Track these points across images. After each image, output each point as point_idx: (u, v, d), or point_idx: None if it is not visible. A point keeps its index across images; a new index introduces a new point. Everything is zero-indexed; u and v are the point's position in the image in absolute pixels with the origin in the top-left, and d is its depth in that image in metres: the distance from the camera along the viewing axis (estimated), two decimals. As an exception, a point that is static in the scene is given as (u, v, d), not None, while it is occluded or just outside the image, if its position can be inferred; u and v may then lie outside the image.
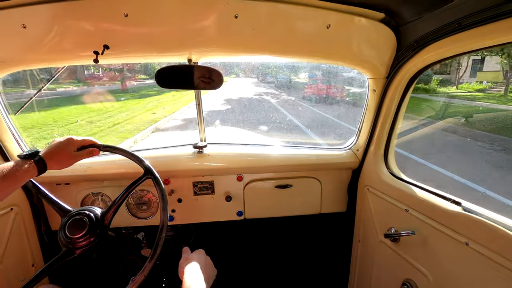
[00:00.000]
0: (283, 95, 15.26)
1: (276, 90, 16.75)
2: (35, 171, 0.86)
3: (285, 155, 1.58)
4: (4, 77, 1.25)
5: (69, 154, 0.96)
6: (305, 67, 11.50)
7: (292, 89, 16.43)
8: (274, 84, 18.29)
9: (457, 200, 1.02)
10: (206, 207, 1.57)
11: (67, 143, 0.96)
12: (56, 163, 0.93)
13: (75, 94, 13.84)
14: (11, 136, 1.33)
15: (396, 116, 1.31)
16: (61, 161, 0.94)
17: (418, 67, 1.12)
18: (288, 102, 12.97)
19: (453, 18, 0.90)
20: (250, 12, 1.05)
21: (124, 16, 1.00)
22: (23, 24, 0.99)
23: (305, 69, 11.71)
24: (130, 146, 6.62)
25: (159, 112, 10.66)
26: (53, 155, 0.92)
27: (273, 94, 15.80)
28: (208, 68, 1.22)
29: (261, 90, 17.39)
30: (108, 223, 0.97)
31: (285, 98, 14.21)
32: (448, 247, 1.01)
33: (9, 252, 1.32)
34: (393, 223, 1.29)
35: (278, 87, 18.19)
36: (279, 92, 16.59)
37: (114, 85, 15.97)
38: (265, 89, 17.35)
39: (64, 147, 0.95)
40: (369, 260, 1.50)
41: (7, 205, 1.31)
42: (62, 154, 0.94)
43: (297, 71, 15.96)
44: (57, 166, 0.94)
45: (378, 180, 1.40)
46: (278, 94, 15.77)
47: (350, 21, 1.12)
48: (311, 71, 10.91)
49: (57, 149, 0.93)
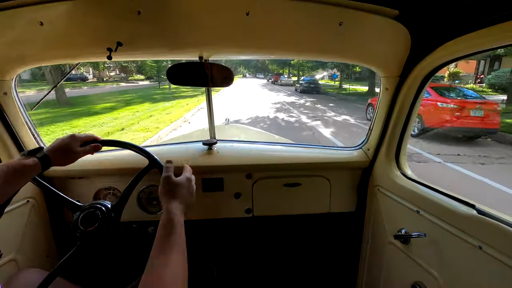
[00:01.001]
0: (327, 111, 9.40)
1: (301, 98, 11.83)
2: (39, 167, 0.87)
3: (294, 154, 1.58)
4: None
5: (72, 150, 0.96)
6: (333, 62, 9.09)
7: (326, 96, 10.74)
8: (295, 88, 14.49)
9: (471, 203, 1.00)
10: (215, 203, 1.58)
11: (70, 139, 0.97)
12: (60, 159, 0.94)
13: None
14: (28, 131, 1.37)
15: (409, 116, 1.28)
16: (65, 157, 0.96)
17: (433, 65, 1.10)
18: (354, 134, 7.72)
19: (471, 16, 0.87)
20: (262, 9, 1.04)
21: (137, 14, 1.01)
22: (40, 21, 1.02)
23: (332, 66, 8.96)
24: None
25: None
26: (57, 151, 0.93)
27: (305, 108, 10.46)
28: (219, 65, 1.22)
29: (281, 98, 13.59)
30: (119, 216, 0.99)
31: (342, 122, 8.68)
32: (460, 250, 0.99)
33: (25, 243, 1.36)
34: (404, 224, 1.27)
35: (305, 92, 13.50)
36: (312, 102, 11.12)
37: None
38: (285, 95, 13.18)
39: (67, 144, 0.96)
40: (378, 261, 1.48)
41: (24, 198, 1.36)
42: (66, 150, 0.95)
43: (317, 68, 13.27)
44: (61, 162, 0.95)
45: (389, 180, 1.37)
46: (314, 107, 10.11)
47: (363, 18, 1.10)
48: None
49: (61, 146, 0.94)
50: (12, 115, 1.28)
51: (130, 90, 16.15)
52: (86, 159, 1.46)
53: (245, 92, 15.20)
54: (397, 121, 1.30)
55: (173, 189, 0.85)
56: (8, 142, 1.30)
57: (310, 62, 12.75)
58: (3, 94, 1.22)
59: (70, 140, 0.97)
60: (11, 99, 1.26)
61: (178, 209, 0.79)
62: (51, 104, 12.21)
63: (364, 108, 9.70)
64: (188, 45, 1.17)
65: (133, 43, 1.12)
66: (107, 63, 12.68)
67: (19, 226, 1.35)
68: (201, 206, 1.58)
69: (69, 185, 1.49)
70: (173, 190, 0.85)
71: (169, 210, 0.76)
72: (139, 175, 1.05)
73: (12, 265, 1.30)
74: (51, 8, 1.00)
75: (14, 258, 1.31)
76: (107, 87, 17.21)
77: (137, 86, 16.98)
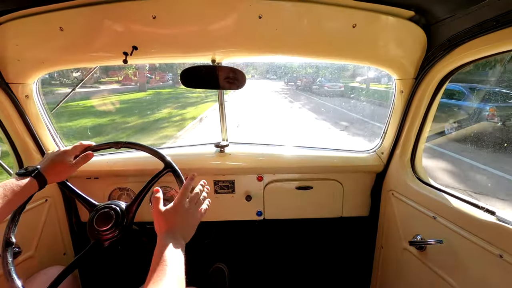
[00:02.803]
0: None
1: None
2: (36, 186, 0.88)
3: (306, 157, 1.56)
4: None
5: (66, 165, 0.96)
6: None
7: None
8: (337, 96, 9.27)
9: (491, 209, 0.96)
10: (226, 205, 1.59)
11: (62, 154, 0.97)
12: (55, 176, 0.94)
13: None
14: (48, 133, 1.43)
15: (424, 119, 1.25)
16: (59, 173, 0.96)
17: (450, 67, 1.07)
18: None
19: (491, 15, 0.84)
20: (275, 12, 1.05)
21: (152, 18, 1.04)
22: (61, 27, 1.06)
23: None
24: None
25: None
26: (51, 168, 0.93)
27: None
28: (231, 68, 1.23)
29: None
30: (132, 216, 1.01)
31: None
32: (479, 259, 0.95)
33: (43, 240, 1.41)
34: (419, 230, 1.23)
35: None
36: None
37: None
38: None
39: (60, 159, 0.96)
40: (392, 268, 1.44)
41: (42, 196, 1.41)
42: (59, 166, 0.95)
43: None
44: (56, 178, 0.96)
45: (404, 185, 1.34)
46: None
47: (377, 20, 1.09)
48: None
49: (54, 162, 0.94)
50: (33, 117, 1.34)
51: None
52: (101, 160, 1.50)
53: (257, 99, 10.06)
54: (412, 125, 1.27)
55: (164, 219, 0.81)
56: (30, 143, 1.35)
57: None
58: (25, 97, 1.28)
59: (63, 155, 0.97)
60: (32, 102, 1.32)
61: (171, 239, 0.74)
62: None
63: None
64: (201, 48, 1.19)
65: (148, 47, 1.15)
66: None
67: (37, 224, 1.40)
68: (213, 208, 1.58)
69: (85, 185, 1.54)
70: (163, 220, 0.80)
71: (159, 242, 0.74)
72: (154, 178, 1.07)
73: (30, 261, 1.34)
74: (71, 14, 1.04)
75: (33, 255, 1.35)
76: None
77: (151, 86, 17.52)
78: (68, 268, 0.91)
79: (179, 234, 0.78)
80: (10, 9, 1.03)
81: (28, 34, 1.10)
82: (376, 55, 1.21)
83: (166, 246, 0.70)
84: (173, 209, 0.82)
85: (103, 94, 14.19)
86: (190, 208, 0.85)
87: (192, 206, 0.86)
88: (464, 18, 0.94)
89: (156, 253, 0.69)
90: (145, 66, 14.36)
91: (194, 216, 0.85)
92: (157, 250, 0.70)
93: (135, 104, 12.87)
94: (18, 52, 1.14)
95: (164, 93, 16.47)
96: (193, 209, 0.85)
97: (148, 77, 17.50)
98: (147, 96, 15.35)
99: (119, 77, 16.77)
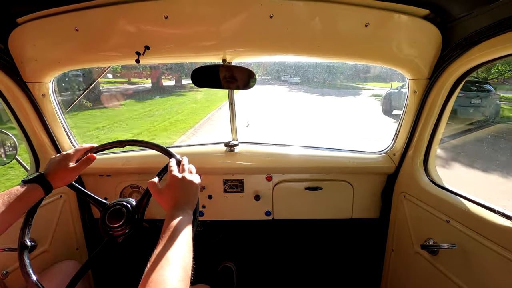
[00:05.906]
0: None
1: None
2: (42, 192, 0.91)
3: (316, 157, 1.55)
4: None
5: (68, 169, 0.98)
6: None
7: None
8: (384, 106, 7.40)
9: (507, 213, 0.93)
10: (235, 205, 1.59)
11: (63, 159, 0.99)
12: (59, 181, 0.96)
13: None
14: (63, 131, 1.46)
15: (439, 120, 1.22)
16: (63, 178, 0.98)
17: (466, 67, 1.03)
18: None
19: (509, 14, 0.82)
20: (286, 11, 1.04)
21: (164, 18, 1.05)
22: (76, 27, 1.09)
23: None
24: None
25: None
26: (55, 174, 0.95)
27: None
28: (242, 68, 1.24)
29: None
30: (142, 213, 1.02)
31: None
32: (495, 265, 0.92)
33: (57, 235, 1.45)
34: (431, 234, 1.21)
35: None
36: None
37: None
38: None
39: (62, 164, 0.98)
40: (403, 271, 1.41)
41: (57, 193, 1.45)
42: (63, 171, 0.97)
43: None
44: (61, 183, 0.98)
45: (416, 187, 1.31)
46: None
47: (390, 19, 1.06)
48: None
49: (57, 168, 0.97)
50: (49, 115, 1.37)
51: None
52: (114, 158, 1.53)
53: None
54: (426, 126, 1.24)
55: (166, 198, 0.85)
56: (46, 141, 1.39)
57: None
58: (42, 96, 1.31)
59: (64, 160, 0.99)
60: (48, 101, 1.35)
61: (177, 211, 0.79)
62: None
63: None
64: (212, 48, 1.19)
65: (160, 46, 1.16)
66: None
67: (52, 220, 1.44)
68: (221, 207, 1.59)
69: (98, 182, 1.57)
70: (165, 199, 0.85)
71: (167, 216, 0.78)
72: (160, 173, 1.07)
73: (45, 255, 1.38)
74: (86, 15, 1.07)
75: (48, 249, 1.40)
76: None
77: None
78: (86, 265, 0.93)
79: (183, 205, 0.82)
80: (29, 10, 1.06)
81: (45, 34, 1.13)
82: (389, 54, 1.18)
83: (173, 217, 0.75)
84: (168, 185, 0.87)
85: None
86: (185, 177, 0.89)
87: (186, 175, 0.90)
88: (481, 16, 0.91)
89: (165, 224, 0.74)
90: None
91: (191, 182, 0.89)
92: (166, 222, 0.75)
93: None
94: (35, 52, 1.17)
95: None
96: (188, 177, 0.89)
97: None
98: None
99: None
